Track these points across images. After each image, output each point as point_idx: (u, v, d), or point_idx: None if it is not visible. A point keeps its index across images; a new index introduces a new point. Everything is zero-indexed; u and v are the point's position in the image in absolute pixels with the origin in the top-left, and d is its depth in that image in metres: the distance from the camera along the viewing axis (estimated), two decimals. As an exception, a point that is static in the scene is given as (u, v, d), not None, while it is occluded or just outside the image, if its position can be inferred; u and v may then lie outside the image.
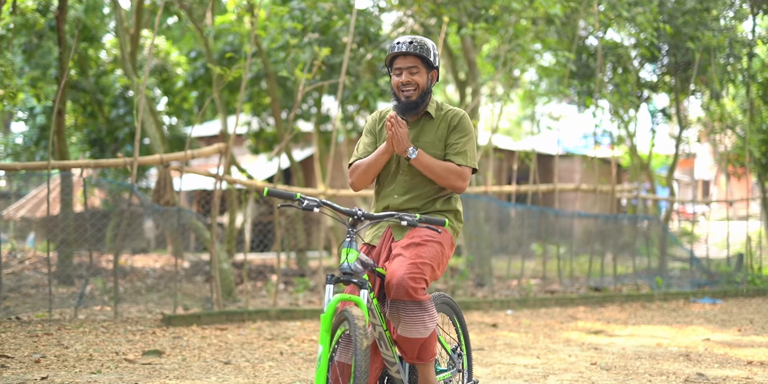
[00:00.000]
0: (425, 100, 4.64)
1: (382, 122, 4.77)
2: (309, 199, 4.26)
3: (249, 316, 9.63)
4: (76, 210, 15.82)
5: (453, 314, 5.06)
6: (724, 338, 9.00)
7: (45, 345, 7.49)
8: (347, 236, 4.25)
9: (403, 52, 4.57)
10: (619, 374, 6.93)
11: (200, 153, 9.86)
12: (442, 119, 4.68)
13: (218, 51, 16.62)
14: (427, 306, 4.40)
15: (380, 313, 4.35)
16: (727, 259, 14.87)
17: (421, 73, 4.59)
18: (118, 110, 18.94)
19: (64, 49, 11.93)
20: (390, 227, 4.67)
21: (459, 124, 4.67)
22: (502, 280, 13.91)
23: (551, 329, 9.78)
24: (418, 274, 4.36)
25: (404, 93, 4.60)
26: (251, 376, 6.64)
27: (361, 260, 4.25)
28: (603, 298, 12.33)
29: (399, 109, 4.64)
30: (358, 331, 3.90)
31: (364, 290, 4.20)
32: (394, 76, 4.63)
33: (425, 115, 4.69)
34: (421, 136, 4.66)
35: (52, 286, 9.07)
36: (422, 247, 4.47)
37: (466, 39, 15.15)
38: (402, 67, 4.58)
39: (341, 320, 4.15)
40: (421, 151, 4.52)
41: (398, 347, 4.50)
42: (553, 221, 13.78)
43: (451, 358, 4.98)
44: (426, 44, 4.60)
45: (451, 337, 5.10)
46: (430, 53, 4.59)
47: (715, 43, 14.04)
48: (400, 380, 4.50)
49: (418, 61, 4.58)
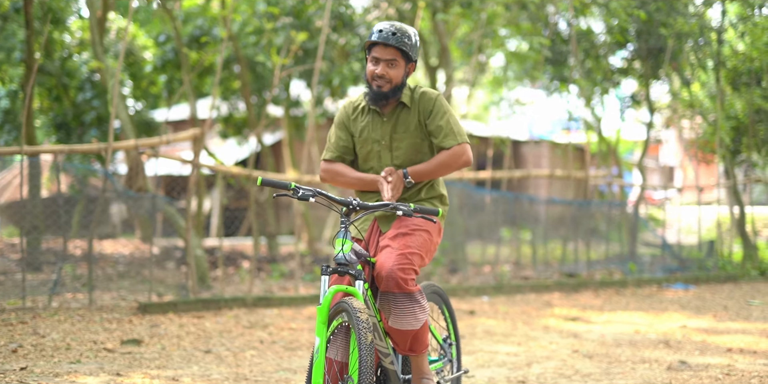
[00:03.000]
0: (397, 94, 4.53)
1: (356, 112, 4.66)
2: (304, 189, 4.17)
3: (225, 304, 9.54)
4: (43, 195, 15.59)
5: (442, 303, 5.02)
6: (700, 325, 9.05)
7: (21, 334, 7.35)
8: (341, 226, 4.17)
9: (384, 43, 4.44)
10: (602, 362, 6.94)
11: (176, 138, 9.72)
12: (417, 105, 4.58)
13: (188, 35, 16.40)
14: (418, 297, 4.34)
15: (373, 304, 4.30)
16: (699, 245, 14.97)
17: (398, 66, 4.48)
18: (85, 94, 18.64)
19: (32, 32, 11.69)
20: (376, 219, 4.60)
21: (435, 107, 4.57)
22: (476, 266, 13.91)
23: (528, 316, 9.78)
24: (407, 265, 4.30)
25: (376, 83, 4.49)
26: (233, 366, 6.57)
27: (355, 250, 4.19)
28: (577, 284, 12.37)
29: (370, 98, 4.55)
30: (361, 325, 3.84)
31: (360, 281, 4.14)
32: (370, 64, 4.51)
33: (400, 105, 4.60)
34: (398, 126, 4.58)
35: (24, 273, 8.90)
36: (410, 236, 4.42)
37: (440, 24, 15.07)
38: (380, 58, 4.46)
39: (338, 312, 4.08)
40: (411, 170, 4.51)
41: (390, 339, 4.44)
42: (527, 207, 13.79)
43: (442, 348, 4.94)
44: (409, 35, 4.48)
45: (441, 327, 5.05)
46: (412, 47, 4.48)
47: (687, 29, 14.08)
48: (393, 371, 4.43)
49: (398, 53, 4.47)
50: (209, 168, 10.48)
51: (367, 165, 4.65)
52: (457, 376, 4.99)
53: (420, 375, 4.49)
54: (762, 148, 15.10)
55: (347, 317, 3.99)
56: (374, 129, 4.59)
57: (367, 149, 4.62)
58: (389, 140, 4.58)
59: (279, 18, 13.40)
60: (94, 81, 18.48)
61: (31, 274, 10.72)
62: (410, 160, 4.59)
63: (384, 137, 4.58)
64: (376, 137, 4.59)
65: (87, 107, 18.57)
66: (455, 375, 4.97)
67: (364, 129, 4.61)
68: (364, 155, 4.63)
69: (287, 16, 13.44)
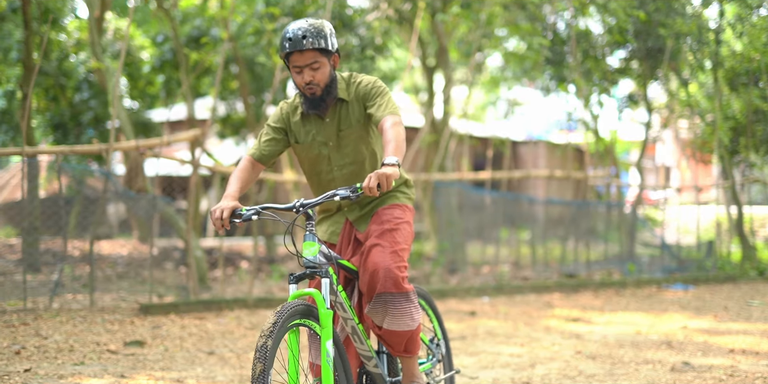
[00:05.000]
0: (332, 93, 4.33)
1: (295, 116, 4.43)
2: (247, 209, 4.02)
3: (226, 305, 9.53)
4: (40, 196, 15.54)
5: (424, 303, 4.92)
6: (701, 325, 9.05)
7: (23, 335, 7.34)
8: (306, 230, 4.01)
9: (298, 50, 4.23)
10: (605, 363, 6.94)
11: (176, 139, 9.71)
12: (355, 94, 4.39)
13: (186, 35, 16.38)
14: (413, 297, 4.28)
15: (350, 307, 4.19)
16: (697, 246, 14.98)
17: (322, 66, 4.25)
18: (82, 94, 18.61)
19: (30, 32, 11.66)
20: (349, 221, 4.50)
21: (373, 90, 4.36)
22: (476, 266, 13.91)
23: (530, 317, 9.78)
24: (401, 263, 4.24)
25: (309, 90, 4.27)
26: (237, 367, 6.56)
27: (323, 253, 4.06)
28: (577, 284, 12.37)
29: (307, 106, 4.34)
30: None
31: (326, 279, 3.96)
32: (295, 74, 4.28)
33: (338, 102, 4.39)
34: (343, 124, 4.39)
35: (24, 273, 8.88)
36: (396, 231, 4.32)
37: (439, 25, 15.06)
38: (301, 66, 4.23)
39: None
40: (389, 158, 4.00)
41: (383, 342, 4.37)
42: (526, 208, 13.80)
43: (429, 349, 4.88)
44: (322, 30, 4.23)
45: (426, 327, 5.00)
46: (328, 41, 4.24)
47: (685, 29, 14.09)
48: (378, 375, 4.37)
49: (317, 53, 4.22)
50: (209, 169, 10.46)
51: (315, 169, 4.46)
52: (449, 375, 4.95)
53: (411, 377, 4.44)
54: (760, 148, 15.10)
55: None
56: (318, 132, 4.39)
57: (315, 153, 4.41)
58: (336, 139, 4.39)
59: (278, 18, 13.38)
60: (91, 81, 18.45)
61: (31, 274, 10.69)
62: (359, 153, 4.41)
63: (330, 138, 4.39)
64: (322, 140, 4.39)
65: (84, 107, 18.54)
66: (447, 375, 4.93)
67: (308, 134, 4.41)
68: (312, 159, 4.44)
69: (287, 17, 13.41)
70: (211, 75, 17.57)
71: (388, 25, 14.93)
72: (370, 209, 4.47)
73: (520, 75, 18.53)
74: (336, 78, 4.37)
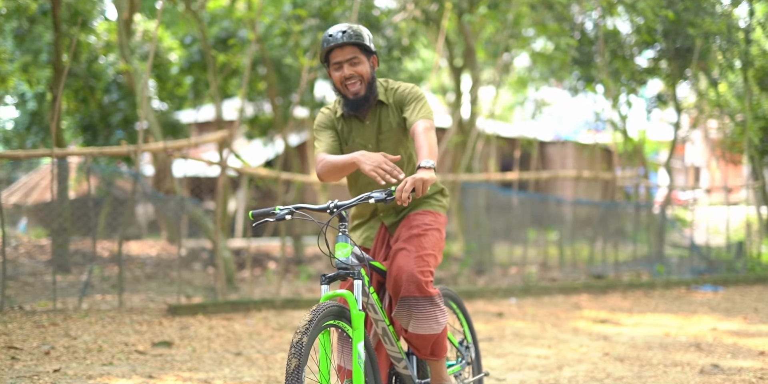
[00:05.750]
0: (374, 92, 4.37)
1: (338, 120, 4.45)
2: (281, 208, 4.04)
3: (254, 306, 9.56)
4: (70, 197, 15.66)
5: (454, 305, 4.92)
6: (731, 327, 8.98)
7: (53, 336, 7.40)
8: (339, 231, 4.02)
9: (339, 44, 4.26)
10: (634, 365, 6.89)
11: (204, 140, 9.75)
12: (393, 98, 4.42)
13: (213, 36, 16.46)
14: (438, 301, 4.27)
15: (381, 308, 4.20)
16: (727, 246, 14.85)
17: (362, 62, 4.30)
18: (111, 96, 18.75)
19: (59, 34, 11.76)
20: (384, 226, 4.51)
21: (410, 95, 4.37)
22: (503, 267, 13.87)
23: (557, 318, 9.74)
24: (425, 268, 4.23)
25: (350, 88, 4.31)
26: (264, 368, 6.57)
27: (356, 254, 4.05)
28: (605, 285, 12.31)
29: (349, 107, 4.37)
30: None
31: (358, 280, 3.96)
32: (334, 72, 4.32)
33: (379, 105, 4.43)
34: (382, 127, 4.43)
35: (54, 274, 8.96)
36: (423, 237, 4.33)
37: (466, 25, 15.03)
38: (341, 61, 4.28)
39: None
40: (425, 161, 3.98)
41: (410, 344, 4.38)
42: (553, 208, 13.74)
43: (458, 351, 4.89)
44: (359, 30, 4.31)
45: (455, 330, 5.00)
46: (367, 39, 4.32)
47: (714, 28, 13.99)
48: (408, 376, 4.38)
49: (357, 50, 4.29)
50: (236, 170, 10.50)
51: (354, 172, 4.48)
52: (478, 378, 4.94)
53: (439, 380, 4.45)
54: (791, 149, 14.99)
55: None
56: (358, 135, 4.44)
57: None
58: (376, 142, 4.42)
59: (306, 20, 13.42)
60: (120, 83, 18.58)
61: (61, 275, 10.78)
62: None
63: (370, 141, 4.43)
64: (362, 142, 4.43)
65: (113, 109, 18.68)
66: (476, 377, 4.93)
67: (348, 136, 4.45)
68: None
69: (314, 18, 13.45)
70: (239, 76, 17.64)
71: (415, 26, 14.93)
72: (405, 214, 4.49)
73: (548, 75, 18.45)
74: (376, 79, 4.41)
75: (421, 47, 19.78)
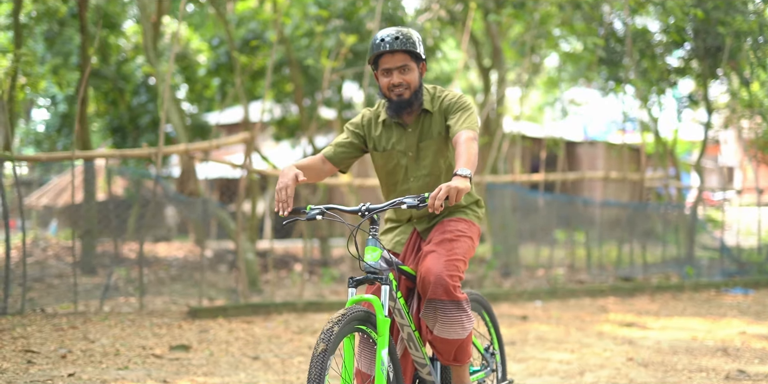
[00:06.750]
0: (419, 98, 4.29)
1: (377, 124, 4.42)
2: (313, 208, 4.00)
3: (275, 309, 9.51)
4: (99, 198, 15.72)
5: (483, 311, 4.87)
6: (760, 331, 8.81)
7: (71, 339, 7.38)
8: (370, 234, 3.99)
9: (389, 50, 4.19)
10: (658, 371, 6.76)
11: (225, 142, 9.73)
12: (439, 106, 4.35)
13: (240, 38, 16.47)
14: (464, 306, 4.20)
15: (408, 313, 4.15)
16: (758, 248, 14.62)
17: (412, 70, 4.23)
18: (140, 98, 18.84)
19: (87, 37, 11.80)
20: (416, 231, 4.46)
21: (456, 104, 4.29)
22: (530, 269, 13.74)
23: (582, 321, 9.61)
24: (454, 272, 4.16)
25: (396, 93, 4.25)
26: (281, 373, 6.52)
27: (385, 258, 4.00)
28: (633, 288, 12.15)
29: (392, 110, 4.30)
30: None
31: (386, 286, 3.93)
32: (383, 77, 4.25)
33: (423, 113, 4.36)
34: (423, 135, 4.35)
35: (76, 277, 8.96)
36: (455, 242, 4.27)
37: (492, 25, 14.92)
38: (391, 68, 4.20)
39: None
40: (462, 169, 3.89)
41: (434, 348, 4.32)
42: (581, 210, 13.59)
43: (483, 358, 4.81)
44: (412, 36, 4.23)
45: (482, 335, 4.93)
46: (418, 46, 4.25)
47: (746, 27, 13.77)
48: (431, 382, 4.33)
49: (408, 57, 4.20)
50: (258, 172, 10.45)
51: (392, 178, 4.44)
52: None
53: None
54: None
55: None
56: (399, 141, 4.37)
57: (393, 163, 4.39)
58: (416, 150, 4.36)
59: (330, 21, 13.38)
60: (149, 85, 18.66)
61: (86, 277, 10.80)
62: (437, 166, 4.38)
63: (410, 148, 4.36)
64: (402, 149, 4.37)
65: (142, 111, 18.77)
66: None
67: (388, 142, 4.39)
68: (389, 168, 4.41)
69: (338, 19, 13.41)
70: (266, 78, 17.67)
71: (442, 26, 14.84)
72: (439, 220, 4.44)
73: (577, 75, 18.28)
74: (422, 86, 4.35)
75: (449, 48, 19.69)
